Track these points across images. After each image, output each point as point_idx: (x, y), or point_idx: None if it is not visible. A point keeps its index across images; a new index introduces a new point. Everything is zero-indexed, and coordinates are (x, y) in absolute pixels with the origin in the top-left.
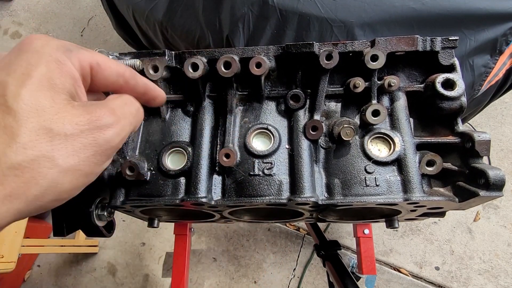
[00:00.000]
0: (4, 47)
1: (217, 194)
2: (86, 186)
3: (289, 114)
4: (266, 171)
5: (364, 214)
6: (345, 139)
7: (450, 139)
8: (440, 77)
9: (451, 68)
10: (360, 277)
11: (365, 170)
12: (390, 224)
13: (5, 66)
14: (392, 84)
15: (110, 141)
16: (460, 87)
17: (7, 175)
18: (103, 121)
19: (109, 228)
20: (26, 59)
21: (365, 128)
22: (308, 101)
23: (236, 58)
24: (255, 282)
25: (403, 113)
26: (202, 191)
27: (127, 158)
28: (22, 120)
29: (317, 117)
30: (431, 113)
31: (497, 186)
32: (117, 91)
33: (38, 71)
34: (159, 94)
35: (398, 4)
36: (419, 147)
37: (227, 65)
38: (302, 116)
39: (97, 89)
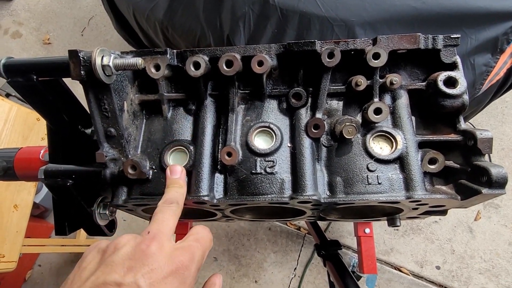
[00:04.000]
0: (4, 47)
1: (219, 193)
2: (88, 184)
3: (291, 113)
4: (268, 170)
5: (366, 213)
6: (347, 137)
7: (452, 137)
8: (442, 75)
9: (453, 66)
10: (361, 277)
11: (367, 168)
12: (392, 223)
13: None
14: (394, 82)
15: None
16: (462, 85)
17: None
18: None
19: (111, 227)
20: None
21: (367, 126)
22: (310, 99)
23: (238, 56)
24: (256, 281)
25: (405, 111)
26: (204, 190)
27: (129, 156)
28: None
29: (319, 115)
30: (433, 111)
31: (500, 183)
32: None
33: None
34: None
35: (399, 3)
36: (421, 145)
37: (229, 63)
38: (304, 114)
39: None
